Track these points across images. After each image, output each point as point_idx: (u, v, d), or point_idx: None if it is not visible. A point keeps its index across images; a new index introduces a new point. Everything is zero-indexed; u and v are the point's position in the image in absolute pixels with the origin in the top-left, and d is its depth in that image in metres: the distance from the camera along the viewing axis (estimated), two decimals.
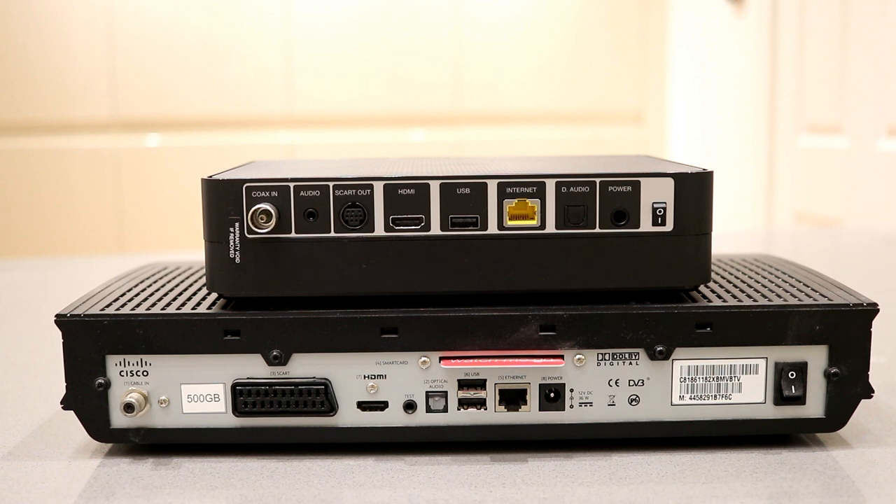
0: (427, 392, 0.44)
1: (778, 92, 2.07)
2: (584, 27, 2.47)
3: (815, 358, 0.44)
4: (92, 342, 0.44)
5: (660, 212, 0.43)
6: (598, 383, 0.44)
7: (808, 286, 0.48)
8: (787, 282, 0.49)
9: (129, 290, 0.49)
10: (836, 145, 1.86)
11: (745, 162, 2.19)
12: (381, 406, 0.44)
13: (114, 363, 0.44)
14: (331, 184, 0.43)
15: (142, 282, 0.52)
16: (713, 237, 0.45)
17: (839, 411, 0.44)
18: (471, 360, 0.43)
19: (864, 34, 1.74)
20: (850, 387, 0.44)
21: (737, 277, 0.51)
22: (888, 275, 0.97)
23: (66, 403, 0.44)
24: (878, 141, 1.73)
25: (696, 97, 2.45)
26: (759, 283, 0.49)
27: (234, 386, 0.44)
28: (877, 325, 0.44)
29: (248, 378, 0.44)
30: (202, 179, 0.44)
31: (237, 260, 0.44)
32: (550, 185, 0.43)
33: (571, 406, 0.44)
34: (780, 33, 2.05)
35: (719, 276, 0.51)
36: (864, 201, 1.78)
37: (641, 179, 0.43)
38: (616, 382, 0.44)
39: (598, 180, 0.43)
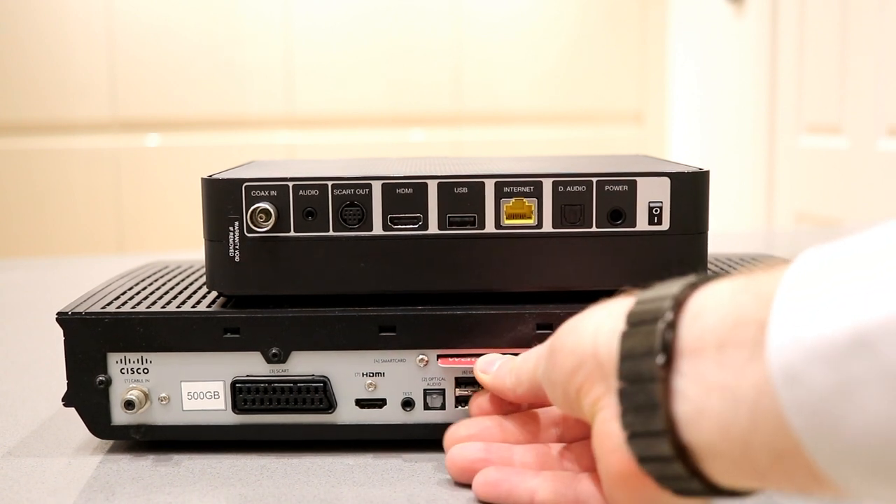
0: (425, 390, 0.44)
1: (778, 92, 2.07)
2: (584, 27, 2.47)
3: None
4: (93, 340, 0.44)
5: (656, 211, 0.44)
6: None
7: None
8: None
9: (129, 289, 0.49)
10: (836, 145, 1.86)
11: (745, 162, 2.19)
12: (380, 403, 0.45)
13: (114, 361, 0.44)
14: (329, 183, 0.43)
15: (142, 280, 0.52)
16: (713, 237, 0.46)
17: None
18: (468, 359, 0.44)
19: (864, 34, 1.75)
20: None
21: None
22: None
23: (68, 401, 0.44)
24: (878, 141, 1.73)
25: (696, 97, 2.45)
26: None
27: (233, 383, 0.44)
28: None
29: (247, 376, 0.44)
30: (202, 179, 0.44)
31: (237, 258, 0.44)
32: (547, 185, 0.44)
33: None
34: (780, 33, 2.05)
35: None
36: (864, 201, 1.79)
37: (638, 179, 0.44)
38: None
39: (594, 180, 0.44)
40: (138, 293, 0.48)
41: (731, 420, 0.27)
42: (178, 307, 0.45)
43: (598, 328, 0.33)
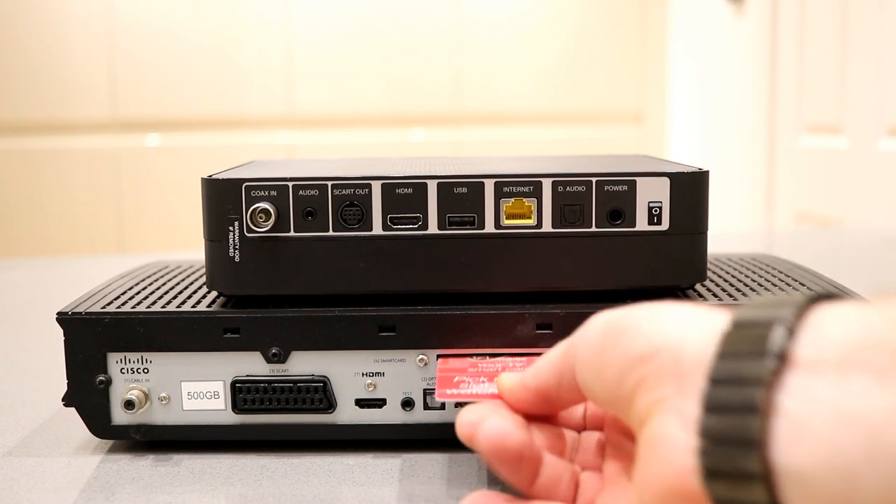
0: (425, 390, 0.44)
1: (778, 92, 2.07)
2: (584, 27, 2.48)
3: None
4: (93, 340, 0.44)
5: (656, 211, 0.44)
6: None
7: (804, 285, 0.48)
8: (783, 280, 0.50)
9: (129, 289, 0.49)
10: (836, 145, 1.86)
11: (745, 162, 2.19)
12: (380, 403, 0.45)
13: (114, 360, 0.44)
14: (329, 183, 0.43)
15: (142, 280, 0.52)
16: (713, 237, 0.46)
17: None
18: (468, 390, 0.43)
19: (864, 34, 1.75)
20: None
21: (734, 276, 0.51)
22: (888, 275, 0.97)
23: (68, 400, 0.44)
24: (878, 141, 1.74)
25: (696, 97, 2.45)
26: (755, 281, 0.50)
27: (233, 383, 0.44)
28: None
29: (247, 375, 0.44)
30: (202, 179, 0.44)
31: (237, 258, 0.44)
32: (547, 185, 0.44)
33: None
34: (780, 33, 2.05)
35: (716, 276, 0.52)
36: (864, 201, 1.79)
37: (637, 179, 0.44)
38: None
39: (594, 179, 0.44)
40: (138, 293, 0.48)
41: (841, 447, 0.24)
42: (178, 307, 0.45)
43: (691, 322, 0.29)
